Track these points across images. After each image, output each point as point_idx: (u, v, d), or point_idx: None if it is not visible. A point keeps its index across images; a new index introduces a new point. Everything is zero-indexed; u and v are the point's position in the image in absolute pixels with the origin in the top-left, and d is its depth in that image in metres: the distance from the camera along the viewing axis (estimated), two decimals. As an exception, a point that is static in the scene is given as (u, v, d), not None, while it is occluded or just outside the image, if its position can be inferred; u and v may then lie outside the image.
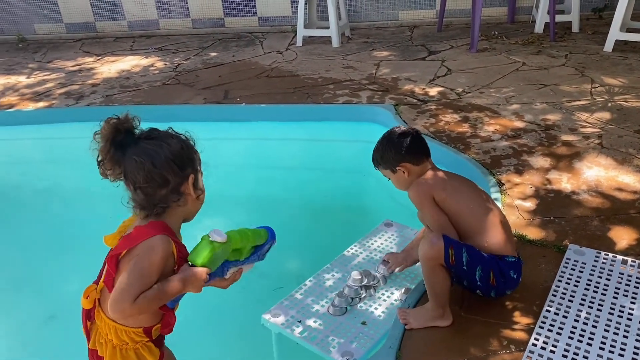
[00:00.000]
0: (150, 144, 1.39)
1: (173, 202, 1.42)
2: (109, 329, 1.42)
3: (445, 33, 5.88)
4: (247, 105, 4.36)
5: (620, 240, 2.47)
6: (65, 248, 3.43)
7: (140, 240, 1.36)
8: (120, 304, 1.30)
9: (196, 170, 1.47)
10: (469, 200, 2.09)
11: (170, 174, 1.39)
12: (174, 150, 1.40)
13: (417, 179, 2.14)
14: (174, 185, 1.41)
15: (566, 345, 1.88)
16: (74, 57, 6.06)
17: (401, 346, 2.02)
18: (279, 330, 2.29)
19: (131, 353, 1.43)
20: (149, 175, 1.38)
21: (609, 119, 3.63)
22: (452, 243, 1.95)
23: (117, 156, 1.39)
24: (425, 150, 2.18)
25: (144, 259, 1.34)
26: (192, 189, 1.44)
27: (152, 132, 1.43)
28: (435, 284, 2.02)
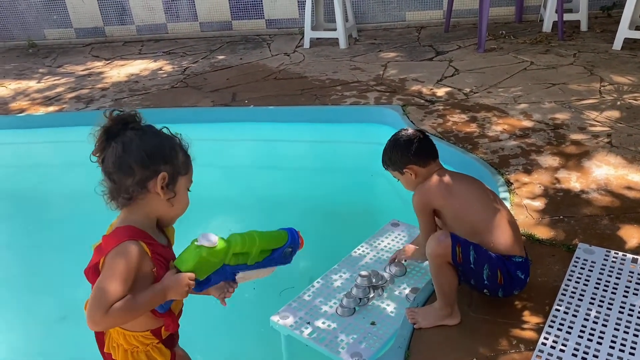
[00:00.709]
0: (133, 134, 1.37)
1: (135, 195, 1.38)
2: (118, 335, 1.43)
3: (452, 33, 5.88)
4: (255, 107, 4.38)
5: (631, 238, 2.46)
6: (77, 250, 3.46)
7: (108, 249, 1.34)
8: (92, 316, 1.27)
9: (174, 172, 1.41)
10: (475, 200, 2.09)
11: (136, 164, 1.36)
12: (151, 144, 1.37)
13: (424, 180, 2.16)
14: (139, 178, 1.37)
15: (576, 344, 1.87)
16: (83, 61, 6.11)
17: (410, 346, 2.02)
18: (287, 332, 2.29)
19: (142, 356, 1.44)
20: (118, 161, 1.35)
21: (619, 117, 3.61)
22: (460, 241, 1.95)
23: (104, 144, 1.38)
24: (432, 152, 2.19)
25: (110, 269, 1.31)
26: (159, 188, 1.38)
27: (145, 126, 1.41)
28: (443, 283, 2.02)
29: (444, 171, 2.20)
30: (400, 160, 2.17)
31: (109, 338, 1.48)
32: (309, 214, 3.57)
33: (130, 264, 1.32)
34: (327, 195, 3.78)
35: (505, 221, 2.06)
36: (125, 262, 1.31)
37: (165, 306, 1.38)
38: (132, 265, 1.32)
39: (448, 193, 2.10)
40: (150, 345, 1.45)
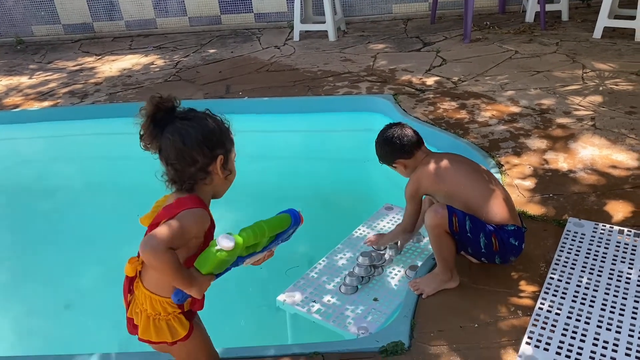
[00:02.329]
0: (185, 124, 1.46)
1: (200, 179, 1.50)
2: (145, 299, 1.52)
3: (438, 25, 6.02)
4: (249, 99, 4.47)
5: (616, 212, 2.61)
6: (79, 242, 3.53)
7: (182, 208, 1.44)
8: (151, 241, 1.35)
9: (227, 151, 1.53)
10: (466, 179, 2.23)
11: (199, 154, 1.47)
12: (205, 132, 1.48)
13: (414, 168, 2.31)
14: (202, 165, 1.48)
15: (570, 308, 2.02)
16: (74, 57, 6.13)
17: (415, 315, 2.15)
18: (294, 311, 2.40)
19: (163, 323, 1.53)
20: (180, 153, 1.46)
21: (601, 101, 3.78)
22: (456, 212, 2.10)
23: (155, 132, 1.47)
24: (415, 142, 2.32)
25: (184, 219, 1.42)
26: (219, 169, 1.50)
27: (189, 112, 1.50)
28: (442, 249, 2.16)
29: (433, 156, 2.33)
30: (388, 157, 2.36)
31: (133, 303, 1.57)
32: (305, 200, 3.68)
33: (199, 227, 1.44)
34: (323, 182, 3.89)
35: (497, 195, 2.20)
36: (196, 223, 1.44)
37: (182, 299, 1.46)
38: (199, 229, 1.45)
39: (437, 178, 2.25)
40: (172, 314, 1.54)
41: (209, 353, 1.71)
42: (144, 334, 1.53)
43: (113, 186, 4.09)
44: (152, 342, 1.55)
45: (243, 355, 2.02)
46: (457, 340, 2.00)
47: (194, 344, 1.61)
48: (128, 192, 3.94)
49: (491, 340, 1.99)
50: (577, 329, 1.92)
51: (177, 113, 1.49)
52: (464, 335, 2.02)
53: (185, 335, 1.55)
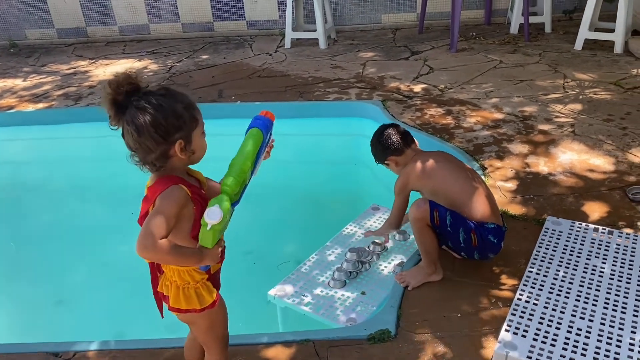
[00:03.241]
0: (138, 113, 1.46)
1: (163, 163, 1.54)
2: (173, 272, 1.62)
3: (426, 35, 6.18)
4: (241, 103, 4.58)
5: (593, 213, 2.76)
6: (72, 241, 3.61)
7: (155, 195, 1.51)
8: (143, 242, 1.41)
9: (187, 133, 1.52)
10: (451, 177, 2.36)
11: (152, 144, 1.48)
12: (157, 121, 1.46)
13: (405, 165, 2.44)
14: (160, 152, 1.49)
15: (547, 299, 2.14)
16: (67, 61, 6.20)
17: (401, 305, 2.26)
18: (285, 305, 2.51)
19: (192, 292, 1.62)
20: (136, 142, 1.48)
21: (581, 109, 3.94)
22: (438, 207, 2.23)
23: (118, 115, 1.49)
24: (405, 141, 2.46)
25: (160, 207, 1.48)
26: (179, 152, 1.51)
27: (144, 98, 1.48)
28: (425, 242, 2.29)
29: (423, 154, 2.47)
30: (380, 155, 2.49)
31: (163, 278, 1.66)
32: (296, 201, 3.80)
33: (177, 204, 1.49)
34: (314, 184, 4.00)
35: (480, 193, 2.32)
36: (173, 202, 1.49)
37: (206, 267, 1.58)
38: (179, 204, 1.49)
39: (424, 175, 2.38)
40: (200, 282, 1.63)
41: (224, 330, 1.81)
42: (174, 302, 1.62)
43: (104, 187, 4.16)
44: (182, 310, 1.64)
45: (237, 343, 2.11)
46: (440, 328, 2.12)
47: (217, 313, 1.71)
48: (118, 194, 4.01)
49: (473, 328, 2.10)
50: (553, 318, 2.04)
51: (133, 98, 1.47)
52: (448, 324, 2.14)
53: (212, 302, 1.65)
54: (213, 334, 1.77)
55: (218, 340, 1.79)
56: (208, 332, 1.77)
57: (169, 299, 1.64)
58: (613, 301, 2.11)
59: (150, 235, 1.42)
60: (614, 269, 2.28)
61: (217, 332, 1.78)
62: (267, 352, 2.09)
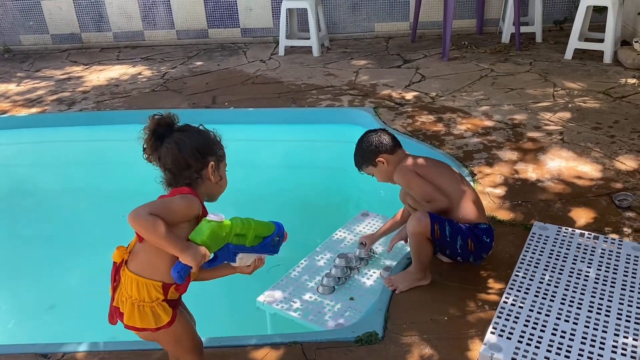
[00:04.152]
0: (181, 135, 1.69)
1: (193, 181, 1.71)
2: (131, 283, 1.63)
3: (418, 43, 6.24)
4: (235, 109, 4.61)
5: (579, 218, 2.79)
6: (65, 244, 3.61)
7: (178, 193, 1.65)
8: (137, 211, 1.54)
9: (217, 159, 1.74)
10: (444, 179, 2.39)
11: (192, 159, 1.68)
12: (197, 142, 1.70)
13: (395, 167, 2.43)
14: (195, 169, 1.70)
15: (532, 302, 2.16)
16: (61, 66, 6.22)
17: (389, 308, 2.28)
18: (274, 311, 2.51)
19: (147, 310, 1.64)
20: (176, 159, 1.67)
21: (570, 118, 3.99)
22: (437, 219, 2.23)
23: (155, 145, 1.69)
24: (396, 141, 2.47)
25: (176, 200, 1.63)
26: (211, 174, 1.72)
27: (185, 126, 1.74)
28: (421, 254, 2.30)
29: (413, 156, 2.49)
30: (372, 153, 2.42)
31: (119, 292, 1.68)
32: (286, 206, 3.81)
33: (189, 209, 1.63)
34: (305, 189, 4.02)
35: (470, 195, 2.36)
36: (187, 205, 1.63)
37: (182, 273, 1.58)
38: (190, 211, 1.63)
39: (423, 170, 2.38)
40: (156, 302, 1.65)
41: (193, 340, 1.82)
42: (129, 320, 1.65)
43: (99, 190, 4.17)
44: (137, 328, 1.66)
45: (225, 345, 2.13)
46: (427, 331, 2.14)
47: (177, 330, 1.72)
48: (112, 198, 4.02)
49: (460, 331, 2.13)
50: (537, 321, 2.06)
51: (174, 127, 1.71)
52: (435, 327, 2.16)
53: (168, 321, 1.66)
54: (180, 347, 1.80)
55: (189, 351, 1.81)
56: (174, 346, 1.80)
57: (123, 316, 1.65)
58: (597, 304, 2.13)
59: (145, 206, 1.55)
60: (599, 273, 2.31)
61: (185, 345, 1.79)
62: (255, 354, 2.10)
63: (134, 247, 1.68)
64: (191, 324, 1.84)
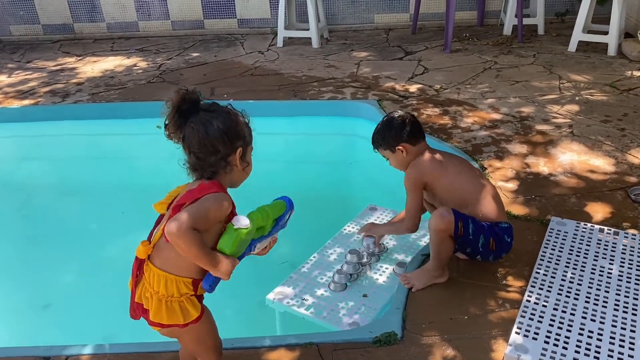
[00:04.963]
0: (208, 116, 1.54)
1: (221, 168, 1.58)
2: (159, 280, 1.52)
3: (419, 35, 6.15)
4: (234, 102, 4.49)
5: (596, 214, 2.72)
6: (59, 241, 3.50)
7: (204, 193, 1.51)
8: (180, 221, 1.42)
9: (246, 144, 1.61)
10: (464, 175, 2.30)
11: (220, 144, 1.54)
12: (226, 124, 1.55)
13: (414, 158, 2.34)
14: (223, 155, 1.56)
15: (556, 300, 2.09)
16: (54, 57, 6.06)
17: (406, 307, 2.20)
18: (284, 309, 2.41)
19: (175, 305, 1.54)
20: (202, 142, 1.53)
21: (578, 110, 3.92)
22: (461, 217, 2.15)
23: (179, 122, 1.54)
24: (422, 132, 2.39)
25: (209, 203, 1.49)
26: (238, 161, 1.58)
27: (213, 105, 1.58)
28: (442, 251, 2.21)
29: (433, 149, 2.40)
30: (393, 138, 2.33)
31: (141, 287, 1.57)
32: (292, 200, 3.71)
33: (222, 211, 1.51)
34: (310, 184, 3.93)
35: (490, 192, 2.27)
36: (220, 207, 1.50)
37: (213, 285, 1.52)
38: (222, 213, 1.51)
39: (440, 167, 2.29)
40: (185, 296, 1.55)
41: (215, 340, 1.73)
42: (155, 316, 1.54)
43: (95, 186, 4.05)
44: (164, 325, 1.56)
45: (239, 346, 2.04)
46: (448, 331, 2.06)
47: (203, 327, 1.63)
48: (107, 195, 3.91)
49: (481, 331, 2.05)
50: (563, 320, 1.99)
51: (201, 105, 1.56)
52: (455, 327, 2.08)
53: (197, 317, 1.57)
54: (203, 346, 1.70)
55: (210, 350, 1.72)
56: (197, 344, 1.70)
57: (148, 312, 1.55)
58: (623, 303, 2.07)
59: (185, 218, 1.43)
60: (622, 270, 2.24)
61: (207, 343, 1.70)
62: (269, 355, 2.01)
63: (158, 242, 1.57)
64: (215, 323, 1.75)
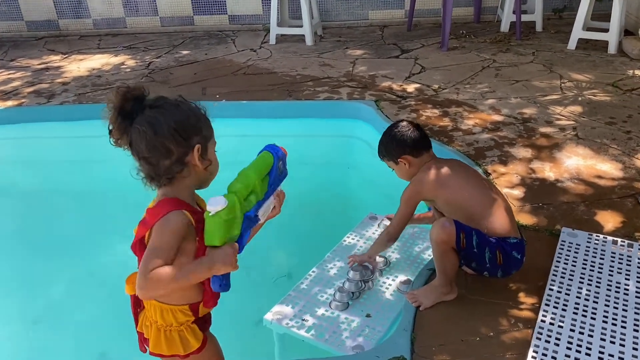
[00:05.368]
0: (155, 112, 1.34)
1: (177, 173, 1.38)
2: (155, 310, 1.41)
3: (414, 32, 6.02)
4: (227, 102, 4.34)
5: (607, 223, 2.61)
6: (47, 251, 3.35)
7: (154, 221, 1.34)
8: (139, 282, 1.27)
9: (205, 139, 1.41)
10: (469, 187, 2.19)
11: (172, 144, 1.34)
12: (177, 119, 1.35)
13: (417, 169, 2.24)
14: (177, 156, 1.36)
15: (572, 320, 1.99)
16: (38, 55, 5.86)
17: (414, 327, 2.08)
18: (283, 330, 2.27)
19: (175, 335, 1.43)
20: (152, 144, 1.33)
21: (581, 112, 3.82)
22: (463, 228, 2.03)
23: (124, 125, 1.35)
24: (425, 144, 2.28)
25: (158, 238, 1.32)
26: (198, 160, 1.38)
27: (158, 100, 1.38)
28: (446, 265, 2.10)
29: (438, 161, 2.29)
30: (395, 150, 2.27)
31: (143, 316, 1.46)
32: (287, 207, 3.57)
33: (176, 233, 1.32)
34: (305, 189, 3.78)
35: (500, 205, 2.15)
36: (172, 231, 1.32)
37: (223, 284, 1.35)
38: (178, 234, 1.33)
39: (439, 184, 2.19)
40: (185, 324, 1.43)
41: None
42: (155, 347, 1.43)
43: (81, 192, 3.89)
44: (164, 356, 1.44)
45: (238, 373, 1.91)
46: (460, 354, 1.95)
47: (207, 357, 1.50)
48: (98, 198, 3.76)
49: (495, 354, 1.93)
50: (581, 342, 1.89)
51: (146, 102, 1.36)
52: (467, 349, 1.96)
53: (198, 347, 1.45)
54: None
55: None
56: None
57: (149, 341, 1.43)
58: (643, 323, 1.96)
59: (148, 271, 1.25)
60: (639, 287, 2.14)
61: None
62: (270, 383, 1.89)
63: None
64: (221, 350, 1.62)
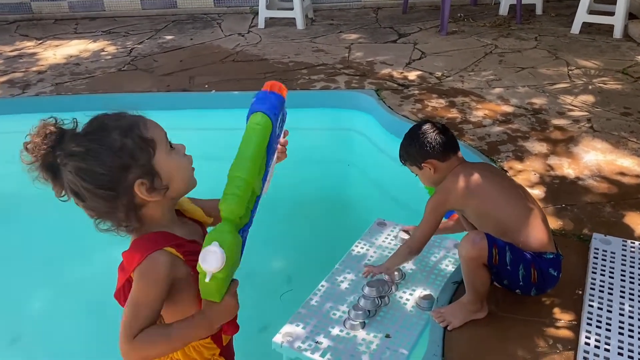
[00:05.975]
0: (68, 173, 1.14)
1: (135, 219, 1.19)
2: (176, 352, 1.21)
3: (410, 15, 5.77)
4: (217, 92, 4.07)
5: (637, 226, 2.44)
6: (24, 262, 3.08)
7: (132, 267, 1.15)
8: (121, 347, 1.09)
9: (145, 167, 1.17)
10: (502, 197, 1.98)
11: (103, 204, 1.15)
12: (91, 172, 1.12)
13: (444, 175, 2.03)
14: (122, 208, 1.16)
15: (619, 342, 1.80)
16: (10, 41, 5.48)
17: (444, 352, 1.88)
18: (295, 355, 2.04)
19: None
20: (86, 209, 1.18)
21: (593, 101, 3.63)
22: (496, 242, 1.83)
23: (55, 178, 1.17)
24: (453, 145, 2.07)
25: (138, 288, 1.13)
26: (147, 195, 1.17)
27: (66, 149, 1.14)
28: (476, 282, 1.90)
29: (467, 166, 2.07)
30: (418, 154, 2.04)
31: None
32: (284, 210, 3.33)
33: (160, 281, 1.13)
34: (303, 188, 3.55)
35: (536, 217, 1.95)
36: (155, 281, 1.12)
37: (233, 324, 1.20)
38: (163, 282, 1.13)
39: (469, 193, 1.97)
40: (211, 358, 1.25)
41: None
42: None
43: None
44: None
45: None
46: (497, 383, 1.76)
47: None
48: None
49: (536, 382, 1.75)
50: (633, 369, 1.71)
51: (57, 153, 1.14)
52: (505, 377, 1.77)
53: None
54: None
55: None
56: None
57: None
58: (697, 344, 1.79)
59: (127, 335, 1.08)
60: (685, 301, 1.96)
61: None
62: (288, 423, 1.68)
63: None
64: None
